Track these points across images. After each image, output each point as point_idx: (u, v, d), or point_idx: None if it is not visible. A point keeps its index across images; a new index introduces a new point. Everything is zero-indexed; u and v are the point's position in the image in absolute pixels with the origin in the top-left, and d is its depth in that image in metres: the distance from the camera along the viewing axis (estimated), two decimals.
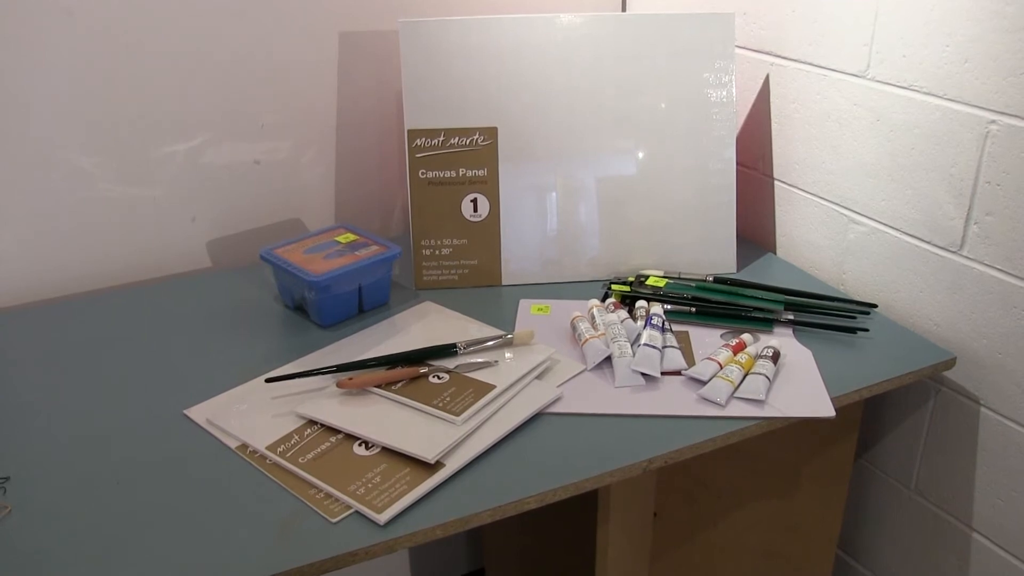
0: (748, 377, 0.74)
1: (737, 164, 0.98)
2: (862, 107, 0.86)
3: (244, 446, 0.67)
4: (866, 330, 0.83)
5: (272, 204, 1.03)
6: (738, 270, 0.97)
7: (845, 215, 0.91)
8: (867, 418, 0.90)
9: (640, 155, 0.95)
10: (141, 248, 0.96)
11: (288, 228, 1.04)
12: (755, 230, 1.05)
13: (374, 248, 0.89)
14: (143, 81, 0.91)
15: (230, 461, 0.66)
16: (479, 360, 0.77)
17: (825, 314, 0.86)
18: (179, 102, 0.94)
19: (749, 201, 1.04)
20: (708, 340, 0.82)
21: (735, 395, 0.73)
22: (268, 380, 0.73)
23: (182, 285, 0.95)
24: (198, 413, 0.71)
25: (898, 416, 0.86)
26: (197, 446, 0.67)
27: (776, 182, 1.01)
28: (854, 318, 0.85)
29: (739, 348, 0.79)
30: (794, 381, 0.75)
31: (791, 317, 0.85)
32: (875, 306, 0.87)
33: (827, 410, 0.71)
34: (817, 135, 0.93)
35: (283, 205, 1.04)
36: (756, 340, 0.82)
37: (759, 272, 0.97)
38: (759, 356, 0.77)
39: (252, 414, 0.70)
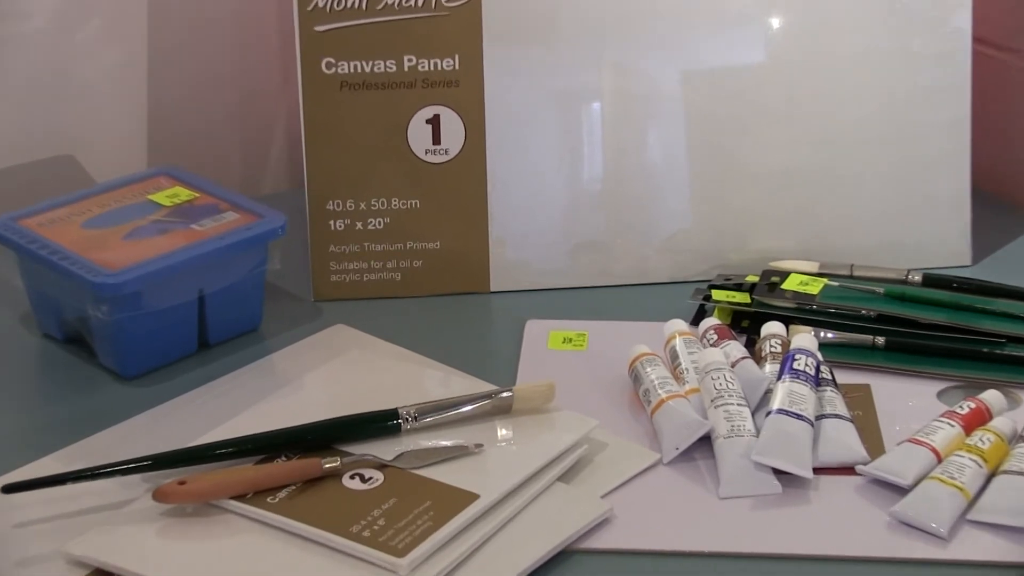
0: (997, 480, 0.73)
1: (974, 42, 0.98)
2: None
3: None
4: None
5: (14, 126, 1.02)
6: (974, 262, 0.98)
7: None
8: None
9: (774, 26, 0.95)
10: None
11: (51, 175, 1.03)
12: (1014, 180, 1.06)
13: (230, 217, 0.89)
14: None
15: None
16: (444, 444, 0.77)
17: None
18: None
19: (1001, 120, 1.04)
20: (912, 404, 0.82)
21: (969, 517, 0.72)
22: (7, 489, 0.72)
23: None
24: None
25: None
26: None
27: None
28: None
29: (976, 420, 0.78)
30: None
31: None
32: None
33: None
34: None
35: (39, 128, 1.03)
36: (1014, 405, 0.82)
37: (1020, 266, 0.98)
38: (1022, 438, 0.77)
39: None
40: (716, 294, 0.90)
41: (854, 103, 0.96)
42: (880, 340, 0.86)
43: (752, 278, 0.92)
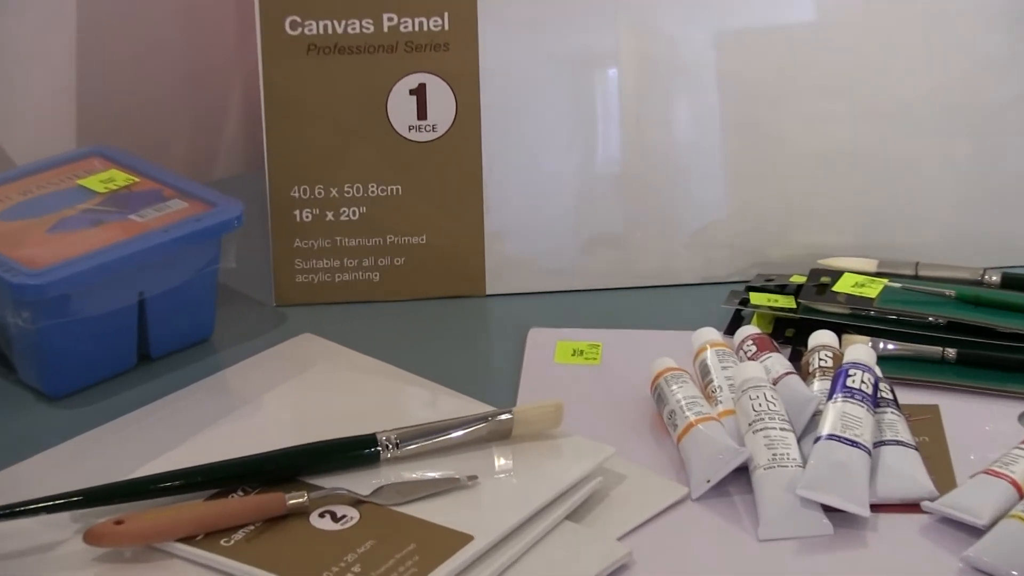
0: None
1: None
2: None
3: None
4: None
5: None
6: None
7: None
8: None
9: None
10: None
11: None
12: None
13: (176, 206, 0.89)
14: None
15: None
16: (432, 476, 0.77)
17: None
18: None
19: None
20: (989, 428, 0.83)
21: None
22: None
23: None
24: None
25: None
26: None
27: None
28: None
29: None
30: None
31: None
32: None
33: None
34: None
35: None
36: None
37: None
38: None
39: None
40: (755, 297, 0.91)
41: (920, 72, 0.96)
42: (951, 352, 0.87)
43: (798, 278, 0.92)
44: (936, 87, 0.96)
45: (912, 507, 0.76)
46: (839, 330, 0.87)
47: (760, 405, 0.78)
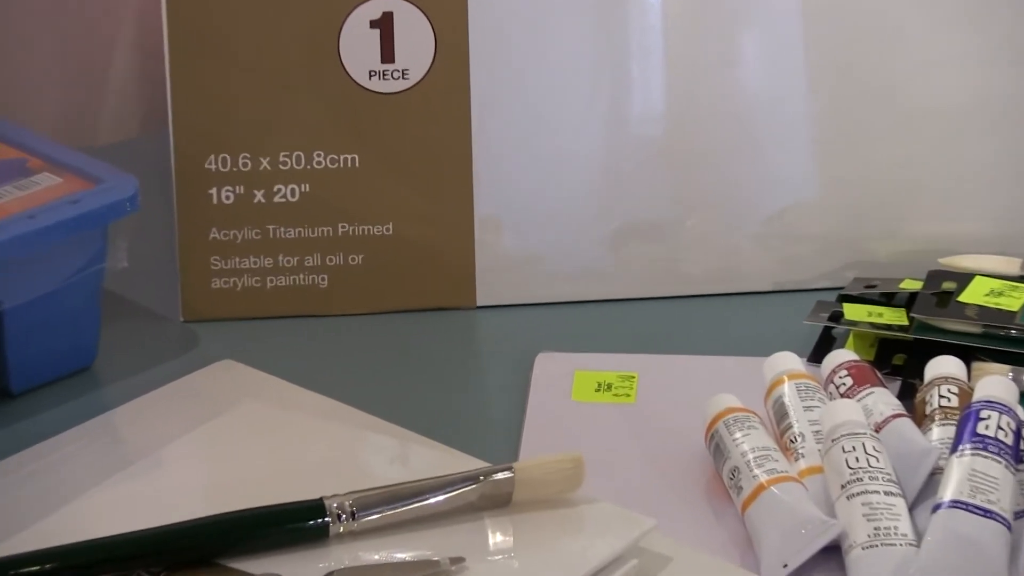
0: None
1: None
2: None
3: None
4: None
5: None
6: None
7: None
8: None
9: None
10: None
11: None
12: None
13: (46, 182, 0.90)
14: None
15: None
16: (400, 557, 0.78)
17: None
18: None
19: None
20: None
21: None
22: None
23: None
24: None
25: None
26: None
27: None
28: None
29: None
30: None
31: None
32: None
33: None
34: None
35: None
36: None
37: None
38: None
39: None
40: (851, 311, 0.91)
41: None
42: None
43: (911, 284, 0.93)
44: None
45: None
46: (967, 356, 0.87)
47: (858, 460, 0.78)
